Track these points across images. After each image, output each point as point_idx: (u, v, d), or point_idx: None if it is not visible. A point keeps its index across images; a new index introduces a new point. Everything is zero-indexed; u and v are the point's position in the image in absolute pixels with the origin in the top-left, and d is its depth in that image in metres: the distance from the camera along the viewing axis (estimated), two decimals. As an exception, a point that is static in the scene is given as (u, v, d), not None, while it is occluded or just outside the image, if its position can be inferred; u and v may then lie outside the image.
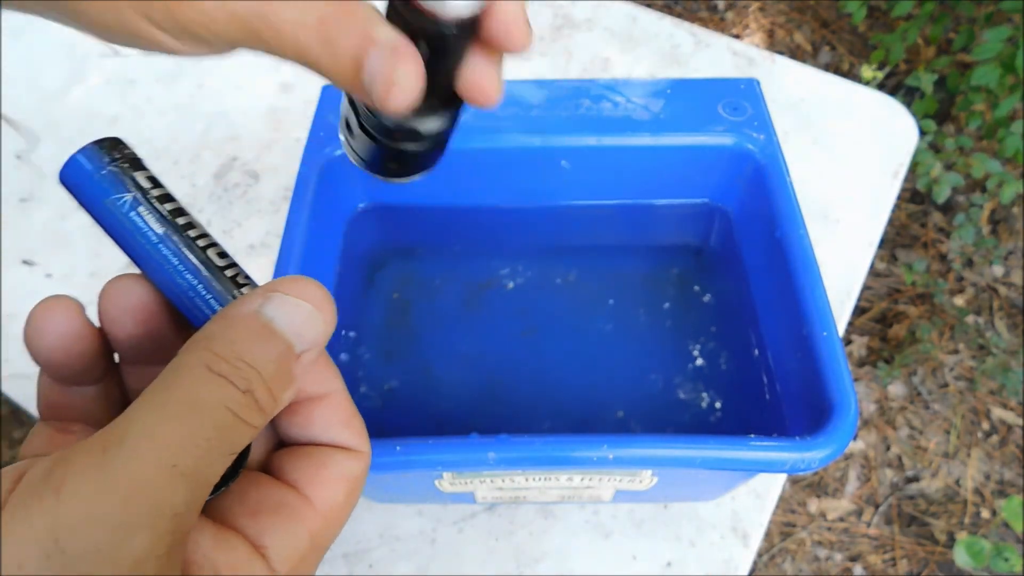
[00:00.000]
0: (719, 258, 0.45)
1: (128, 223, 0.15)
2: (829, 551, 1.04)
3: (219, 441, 0.14)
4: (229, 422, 0.14)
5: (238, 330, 0.15)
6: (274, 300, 0.15)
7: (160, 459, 0.13)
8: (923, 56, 1.42)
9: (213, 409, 0.14)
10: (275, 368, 0.15)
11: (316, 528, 0.17)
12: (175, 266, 0.16)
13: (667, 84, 0.43)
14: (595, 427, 0.39)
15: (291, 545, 0.17)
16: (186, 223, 0.16)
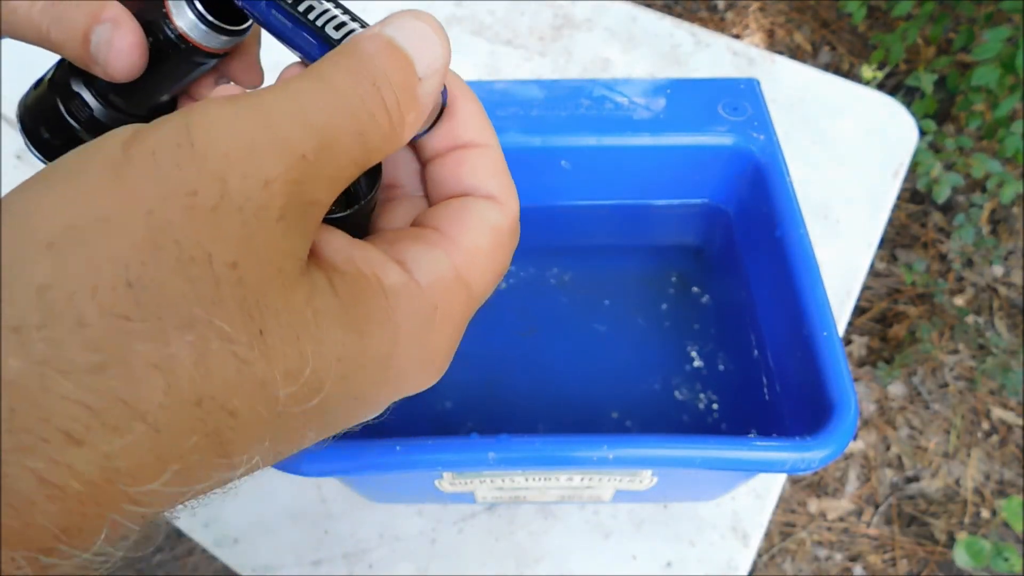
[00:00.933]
0: (719, 258, 0.45)
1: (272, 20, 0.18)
2: (829, 551, 1.04)
3: (346, 116, 0.15)
4: (357, 105, 0.15)
5: (364, 43, 0.16)
6: (395, 22, 0.16)
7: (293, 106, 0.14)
8: (923, 56, 1.42)
9: (343, 88, 0.15)
10: (399, 77, 0.15)
11: (458, 260, 0.17)
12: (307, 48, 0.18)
13: (667, 84, 0.43)
14: (595, 427, 0.39)
15: (432, 264, 0.16)
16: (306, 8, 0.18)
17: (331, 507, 0.43)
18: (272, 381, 0.13)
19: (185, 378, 0.12)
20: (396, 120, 0.16)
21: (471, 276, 0.17)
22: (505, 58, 0.65)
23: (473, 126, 0.19)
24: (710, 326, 0.42)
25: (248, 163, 0.13)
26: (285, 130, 0.14)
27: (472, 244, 0.17)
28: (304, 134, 0.14)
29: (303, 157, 0.14)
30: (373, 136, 0.15)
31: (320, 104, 0.14)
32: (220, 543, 0.42)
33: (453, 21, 0.67)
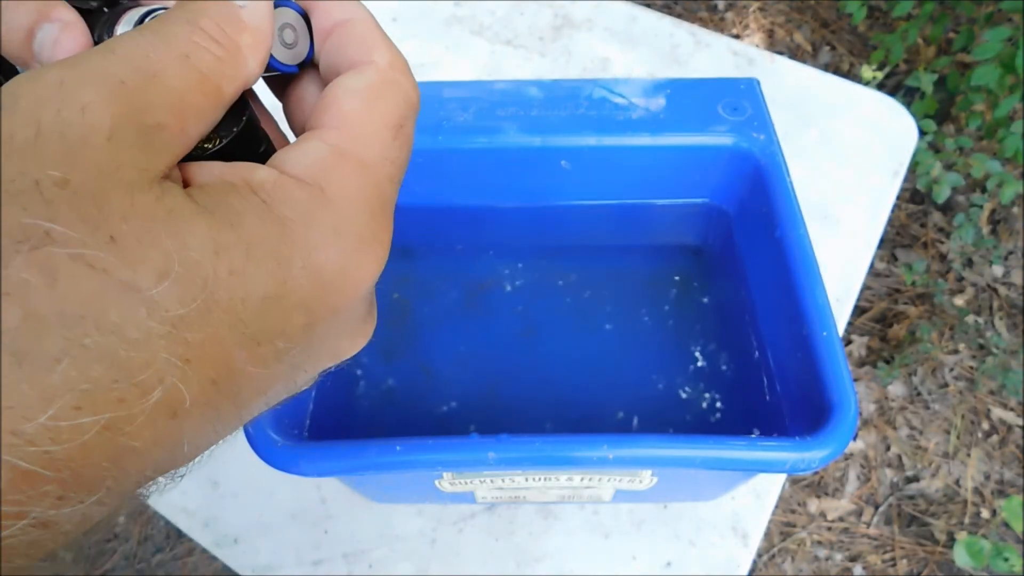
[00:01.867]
0: (719, 258, 0.45)
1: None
2: (829, 551, 1.04)
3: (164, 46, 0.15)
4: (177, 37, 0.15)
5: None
6: None
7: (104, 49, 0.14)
8: (923, 56, 1.42)
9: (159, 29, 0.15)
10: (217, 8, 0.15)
11: (334, 138, 0.16)
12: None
13: (667, 84, 0.43)
14: (595, 427, 0.39)
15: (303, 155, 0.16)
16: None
17: (331, 507, 0.43)
18: (143, 285, 0.13)
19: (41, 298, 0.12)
20: (228, 44, 0.15)
21: (354, 146, 0.16)
22: (505, 58, 0.65)
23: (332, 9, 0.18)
24: (710, 326, 0.42)
25: (59, 97, 0.13)
26: (95, 66, 0.14)
27: (341, 116, 0.16)
28: (117, 65, 0.14)
29: (121, 83, 0.14)
30: (204, 59, 0.15)
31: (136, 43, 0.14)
32: (220, 543, 0.42)
33: (453, 21, 0.67)
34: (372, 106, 0.17)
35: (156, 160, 0.14)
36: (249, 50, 0.16)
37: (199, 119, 0.15)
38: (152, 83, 0.14)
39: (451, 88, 0.43)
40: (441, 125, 0.42)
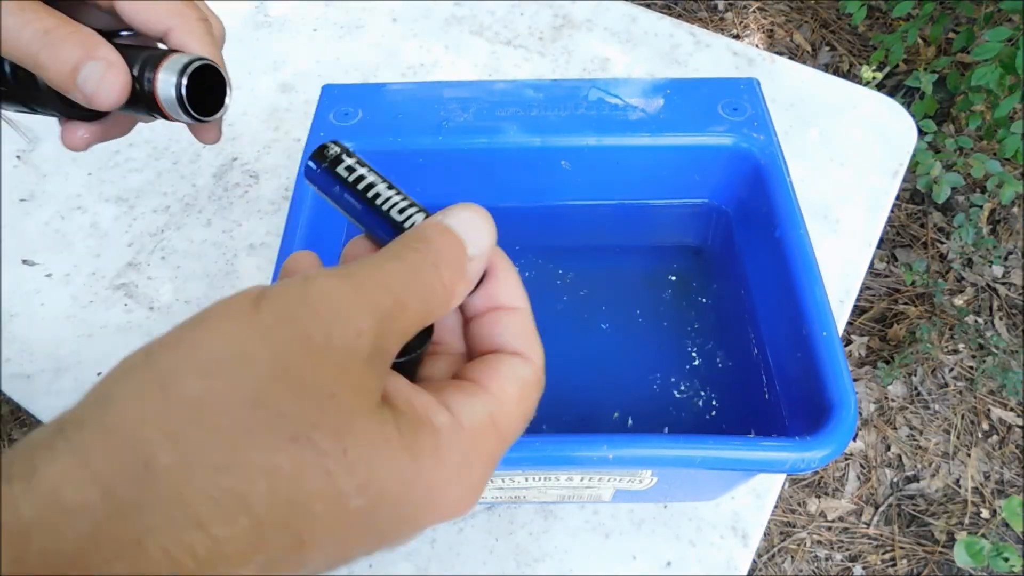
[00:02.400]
0: (719, 258, 0.45)
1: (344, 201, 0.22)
2: (829, 551, 1.04)
3: (414, 285, 0.19)
4: (421, 278, 0.19)
5: (428, 229, 0.20)
6: (453, 214, 0.21)
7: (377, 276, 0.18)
8: (923, 56, 1.42)
9: (411, 264, 0.19)
10: (452, 256, 0.20)
11: (494, 409, 0.20)
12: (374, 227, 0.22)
13: (667, 84, 0.43)
14: (594, 427, 0.39)
15: (473, 411, 0.19)
16: (373, 195, 0.22)
17: None
18: (348, 493, 0.16)
19: (284, 483, 0.15)
20: (449, 290, 0.20)
21: (502, 420, 0.20)
22: (505, 58, 0.65)
23: (508, 291, 0.22)
24: (710, 326, 0.42)
25: (347, 317, 0.17)
26: (373, 295, 0.18)
27: (503, 393, 0.20)
28: (386, 298, 0.18)
29: (384, 315, 0.18)
30: (432, 302, 0.19)
31: (397, 277, 0.19)
32: None
33: (453, 21, 0.67)
34: (524, 397, 0.21)
35: (383, 382, 0.18)
36: (459, 296, 0.21)
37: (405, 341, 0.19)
38: (401, 316, 0.18)
39: (451, 88, 0.43)
40: (441, 125, 0.42)
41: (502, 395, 0.20)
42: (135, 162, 0.59)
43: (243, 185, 0.57)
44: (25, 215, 0.56)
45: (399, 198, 0.22)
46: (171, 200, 0.57)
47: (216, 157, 0.59)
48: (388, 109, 0.43)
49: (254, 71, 0.65)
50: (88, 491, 0.14)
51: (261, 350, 0.16)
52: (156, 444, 0.15)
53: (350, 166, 0.22)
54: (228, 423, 0.15)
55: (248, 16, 0.69)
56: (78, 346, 0.49)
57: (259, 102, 0.62)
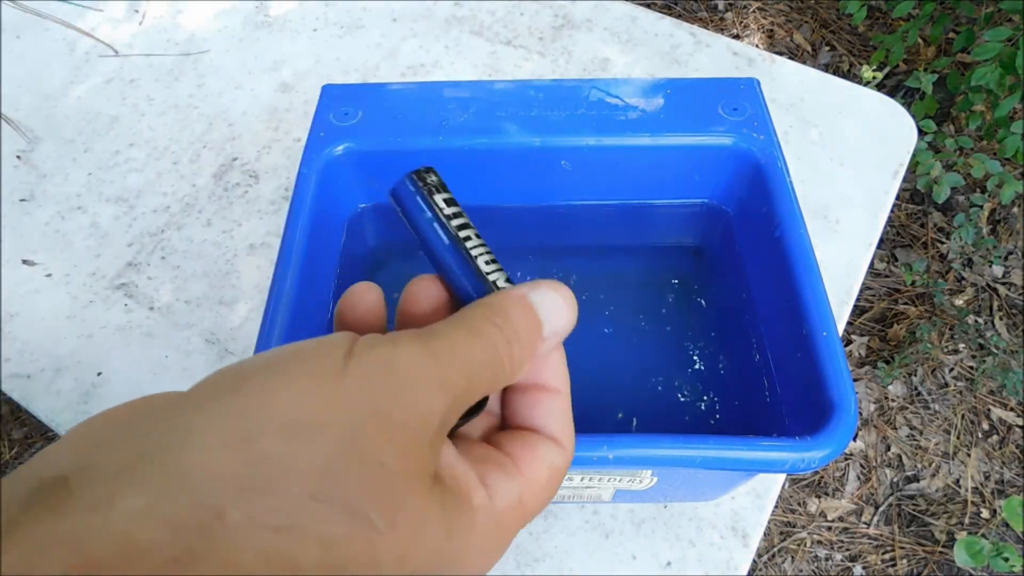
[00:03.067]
0: (719, 258, 0.45)
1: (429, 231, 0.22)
2: (829, 551, 1.04)
3: (488, 365, 0.19)
4: (496, 356, 0.19)
5: (510, 302, 0.20)
6: (539, 290, 0.21)
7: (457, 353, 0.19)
8: (923, 56, 1.42)
9: (489, 342, 0.19)
10: (528, 336, 0.20)
11: (524, 492, 0.21)
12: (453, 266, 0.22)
13: (667, 84, 0.43)
14: (594, 427, 0.39)
15: (506, 492, 0.20)
16: (466, 236, 0.22)
17: None
18: (386, 564, 0.17)
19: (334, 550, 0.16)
20: (516, 368, 0.20)
21: (529, 501, 0.21)
22: (505, 58, 0.65)
23: (554, 373, 0.22)
24: (710, 326, 0.42)
25: (425, 399, 0.18)
26: (451, 375, 0.18)
27: (535, 477, 0.21)
28: (460, 378, 0.18)
29: (455, 396, 0.18)
30: (499, 378, 0.20)
31: (474, 355, 0.19)
32: None
33: (453, 21, 0.67)
34: (552, 481, 0.22)
35: (438, 458, 0.19)
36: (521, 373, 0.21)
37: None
38: (470, 394, 0.19)
39: (451, 88, 0.43)
40: (441, 125, 0.42)
41: (534, 479, 0.21)
42: (135, 162, 0.59)
43: (243, 185, 0.57)
44: (25, 215, 0.56)
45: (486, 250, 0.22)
46: (171, 200, 0.57)
47: (216, 157, 0.59)
48: (388, 109, 0.43)
49: (254, 71, 0.65)
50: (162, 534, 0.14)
51: (341, 419, 0.17)
52: (230, 499, 0.15)
53: (449, 199, 0.22)
54: (295, 487, 0.16)
55: (248, 16, 0.69)
56: (78, 346, 0.49)
57: (259, 102, 0.62)
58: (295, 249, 0.37)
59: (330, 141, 0.41)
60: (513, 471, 0.21)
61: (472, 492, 0.19)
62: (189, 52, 0.67)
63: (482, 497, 0.20)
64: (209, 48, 0.67)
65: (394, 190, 0.22)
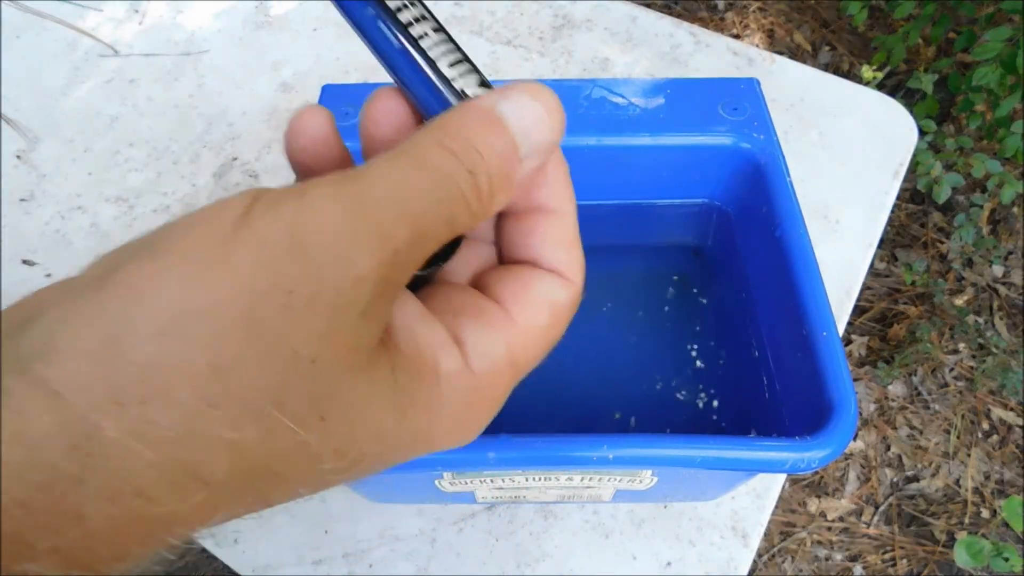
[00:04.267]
0: (719, 258, 0.45)
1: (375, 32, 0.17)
2: (829, 551, 1.04)
3: (441, 205, 0.15)
4: (452, 193, 0.15)
5: (470, 119, 0.16)
6: (510, 98, 0.16)
7: (392, 195, 0.14)
8: (923, 56, 1.42)
9: (441, 175, 0.15)
10: (498, 161, 0.16)
11: (513, 342, 0.17)
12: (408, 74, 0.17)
13: (667, 84, 0.43)
14: (595, 427, 0.39)
15: (488, 348, 0.17)
16: (420, 33, 0.17)
17: (331, 507, 0.43)
18: (322, 457, 0.15)
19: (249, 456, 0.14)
20: (487, 202, 0.16)
21: (521, 355, 0.17)
22: (505, 58, 0.65)
23: (555, 191, 0.18)
24: (710, 326, 0.42)
25: (344, 260, 0.14)
26: (384, 225, 0.14)
27: (529, 323, 0.17)
28: (399, 226, 0.14)
29: (395, 251, 0.14)
30: (461, 218, 0.16)
31: (420, 195, 0.15)
32: (220, 543, 0.42)
33: (453, 21, 0.67)
34: (553, 326, 0.18)
35: (383, 323, 0.15)
36: (496, 208, 0.16)
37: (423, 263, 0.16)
38: (419, 245, 0.15)
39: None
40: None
41: (528, 325, 0.17)
42: (135, 162, 0.59)
43: (243, 185, 0.57)
44: (25, 215, 0.56)
45: (449, 47, 0.17)
46: (171, 200, 0.57)
47: (216, 157, 0.59)
48: (388, 109, 0.43)
49: (254, 71, 0.65)
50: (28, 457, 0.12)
51: (230, 305, 0.13)
52: (102, 413, 0.13)
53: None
54: (183, 393, 0.13)
55: (248, 16, 0.69)
56: (78, 346, 0.49)
57: (259, 102, 0.62)
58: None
59: (330, 141, 0.41)
60: (498, 320, 0.17)
61: (439, 357, 0.16)
62: (189, 52, 0.67)
63: (453, 361, 0.16)
64: (209, 48, 0.67)
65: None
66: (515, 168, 0.16)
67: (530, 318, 0.18)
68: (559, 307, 0.18)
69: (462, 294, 0.18)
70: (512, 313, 0.17)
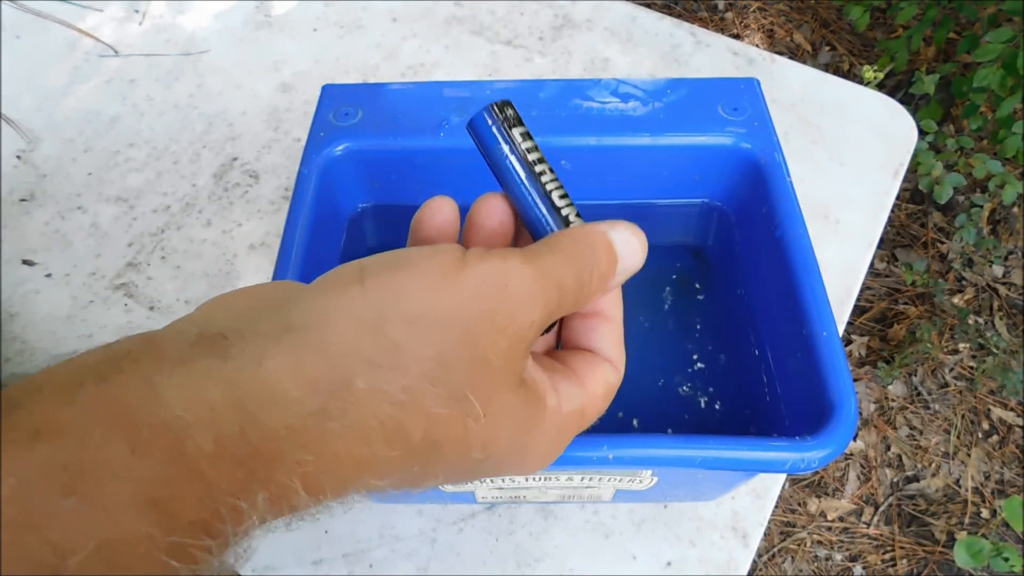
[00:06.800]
0: (719, 258, 0.45)
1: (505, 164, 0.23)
2: (829, 551, 1.04)
3: (574, 288, 0.21)
4: (581, 283, 0.21)
5: (595, 236, 0.23)
6: (618, 229, 0.24)
7: (555, 273, 0.21)
8: (923, 56, 1.42)
9: (579, 267, 0.21)
10: (606, 271, 0.22)
11: (585, 402, 0.23)
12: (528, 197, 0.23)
13: (667, 84, 0.43)
14: (594, 427, 0.39)
15: (572, 399, 0.23)
16: (541, 171, 0.23)
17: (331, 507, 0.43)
18: (473, 445, 0.19)
19: (437, 427, 0.18)
20: (591, 295, 0.22)
21: (588, 410, 0.24)
22: (505, 58, 0.65)
23: (612, 303, 0.25)
24: (710, 326, 0.42)
25: (528, 308, 0.20)
26: (549, 289, 0.20)
27: (595, 390, 0.24)
28: (557, 294, 0.21)
29: (552, 308, 0.21)
30: (579, 301, 0.22)
31: (568, 274, 0.21)
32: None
33: (453, 21, 0.67)
34: (606, 397, 0.24)
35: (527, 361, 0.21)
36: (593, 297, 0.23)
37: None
38: (559, 309, 0.21)
39: (451, 88, 0.43)
40: (441, 125, 0.42)
41: (593, 391, 0.24)
42: (135, 162, 0.59)
43: (243, 185, 0.57)
44: (25, 215, 0.56)
45: (558, 184, 0.24)
46: (171, 200, 0.57)
47: (216, 157, 0.59)
48: (388, 109, 0.43)
49: (254, 71, 0.65)
50: (301, 391, 0.17)
51: (457, 315, 0.19)
52: (358, 371, 0.17)
53: (525, 133, 0.23)
54: (416, 369, 0.18)
55: (248, 16, 0.69)
56: (78, 346, 0.49)
57: (259, 102, 0.62)
58: (295, 249, 0.37)
59: (330, 141, 0.41)
60: (577, 382, 0.23)
61: (546, 395, 0.22)
62: (189, 52, 0.67)
63: (553, 400, 0.22)
64: (209, 48, 0.67)
65: (472, 123, 0.23)
66: (612, 278, 0.23)
67: (594, 386, 0.24)
68: (611, 386, 0.24)
69: (548, 359, 0.24)
70: (584, 381, 0.23)
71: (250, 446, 0.16)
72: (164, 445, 0.15)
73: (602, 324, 0.25)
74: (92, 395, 0.15)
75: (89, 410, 0.15)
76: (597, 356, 0.24)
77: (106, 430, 0.15)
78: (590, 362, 0.24)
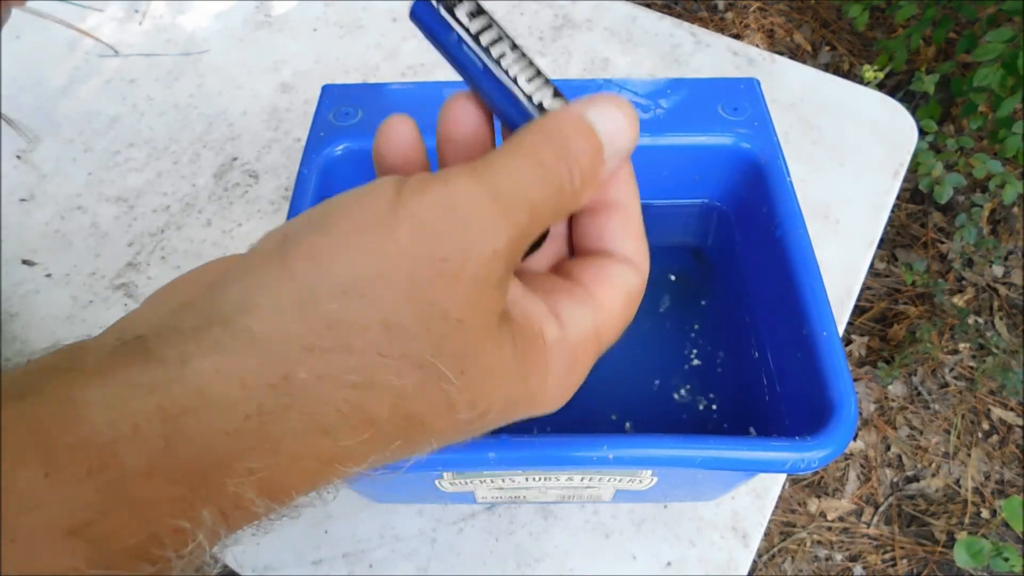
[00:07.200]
0: (719, 258, 0.45)
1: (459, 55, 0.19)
2: (829, 551, 1.04)
3: (550, 196, 0.18)
4: (556, 188, 0.18)
5: (567, 124, 0.18)
6: (597, 107, 0.19)
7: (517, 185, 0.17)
8: (923, 55, 1.42)
9: (550, 171, 0.18)
10: (588, 161, 0.18)
11: (598, 319, 0.20)
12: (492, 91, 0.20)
13: (667, 84, 0.43)
14: (594, 427, 0.39)
15: (580, 321, 0.19)
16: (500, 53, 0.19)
17: (331, 507, 0.43)
18: (458, 408, 0.17)
19: (406, 402, 0.16)
20: (578, 196, 0.19)
21: (604, 331, 0.20)
22: (505, 58, 0.64)
23: (621, 188, 0.21)
24: (710, 326, 0.42)
25: (485, 238, 0.16)
26: (513, 211, 0.17)
27: (610, 304, 0.20)
28: (523, 212, 0.17)
29: (519, 233, 0.17)
30: (561, 209, 0.18)
31: (535, 186, 0.17)
32: (220, 543, 0.42)
33: (453, 21, 0.67)
34: (628, 306, 0.21)
35: (505, 297, 0.18)
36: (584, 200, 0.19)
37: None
38: (532, 227, 0.17)
39: (451, 88, 0.43)
40: (441, 125, 0.42)
41: (609, 306, 0.20)
42: (135, 162, 0.59)
43: (243, 185, 0.57)
44: (25, 215, 0.56)
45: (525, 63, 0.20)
46: (171, 200, 0.57)
47: (216, 157, 0.59)
48: (388, 109, 0.43)
49: (254, 71, 0.65)
50: (235, 392, 0.15)
51: (396, 271, 0.16)
52: (295, 360, 0.15)
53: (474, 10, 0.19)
54: (360, 344, 0.16)
55: (248, 16, 0.69)
56: (78, 346, 0.49)
57: (259, 102, 0.62)
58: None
59: (330, 141, 0.41)
60: (585, 299, 0.20)
61: (544, 327, 0.19)
62: (189, 52, 0.67)
63: (554, 330, 0.19)
64: (209, 48, 0.67)
65: (413, 11, 0.19)
66: (600, 168, 0.19)
67: (610, 298, 0.20)
68: (632, 291, 0.20)
69: (550, 278, 0.21)
70: (595, 294, 0.20)
71: (184, 460, 0.14)
72: (84, 466, 0.14)
73: (613, 217, 0.21)
74: (8, 416, 0.14)
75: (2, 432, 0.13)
76: (611, 258, 0.20)
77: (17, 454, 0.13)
78: (602, 268, 0.20)
